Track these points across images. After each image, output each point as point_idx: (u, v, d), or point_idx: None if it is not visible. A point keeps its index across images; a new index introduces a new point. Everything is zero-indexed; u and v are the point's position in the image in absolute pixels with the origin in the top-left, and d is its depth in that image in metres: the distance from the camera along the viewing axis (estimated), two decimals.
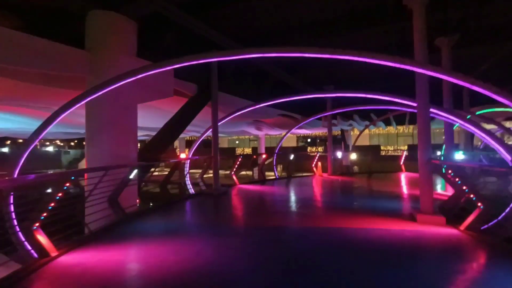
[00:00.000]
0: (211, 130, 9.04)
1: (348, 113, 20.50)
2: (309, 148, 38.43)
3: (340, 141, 28.86)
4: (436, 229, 4.96)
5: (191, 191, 9.30)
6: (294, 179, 12.20)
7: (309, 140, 43.03)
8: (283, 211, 6.52)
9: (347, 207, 6.89)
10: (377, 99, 8.24)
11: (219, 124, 9.19)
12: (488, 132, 6.94)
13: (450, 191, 7.06)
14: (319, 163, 13.42)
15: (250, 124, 22.65)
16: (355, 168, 17.63)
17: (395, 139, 37.84)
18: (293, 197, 8.41)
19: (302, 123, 13.81)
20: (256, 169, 13.90)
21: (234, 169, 10.39)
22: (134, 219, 5.68)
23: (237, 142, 44.51)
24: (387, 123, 21.57)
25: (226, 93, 11.17)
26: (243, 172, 14.55)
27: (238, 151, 40.94)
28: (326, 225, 5.36)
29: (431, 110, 6.34)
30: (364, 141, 36.56)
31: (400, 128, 34.04)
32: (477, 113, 12.66)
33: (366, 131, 35.17)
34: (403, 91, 7.63)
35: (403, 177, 12.79)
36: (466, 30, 9.20)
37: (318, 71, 13.78)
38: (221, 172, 9.64)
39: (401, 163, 15.05)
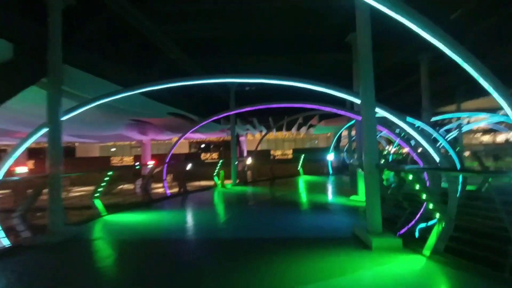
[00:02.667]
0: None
1: (247, 117, 19.49)
2: (202, 155, 35.84)
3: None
4: (398, 262, 3.58)
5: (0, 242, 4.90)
6: (192, 196, 9.41)
7: (202, 146, 40.47)
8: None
9: (275, 238, 4.86)
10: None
11: (65, 119, 5.31)
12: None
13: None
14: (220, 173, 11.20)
15: (130, 126, 17.84)
16: (249, 174, 16.37)
17: (281, 144, 40.98)
18: (199, 234, 5.45)
19: (199, 125, 11.14)
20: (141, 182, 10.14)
21: (98, 192, 6.56)
22: None
23: (113, 149, 36.28)
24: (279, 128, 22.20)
25: (82, 69, 7.03)
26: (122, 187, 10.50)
27: (114, 161, 33.25)
28: None
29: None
30: (253, 146, 37.55)
31: (286, 134, 37.02)
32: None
33: (258, 136, 36.41)
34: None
35: (306, 181, 12.47)
36: None
37: (222, 60, 11.59)
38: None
39: (299, 167, 15.03)
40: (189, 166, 10.00)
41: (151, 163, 10.44)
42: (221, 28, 9.69)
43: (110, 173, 6.64)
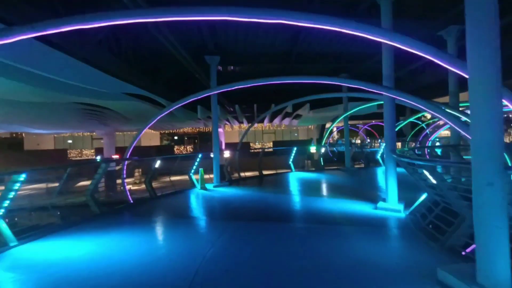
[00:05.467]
0: None
1: (228, 105, 17.13)
2: (176, 148, 32.74)
3: (210, 139, 25.42)
4: None
5: None
6: (162, 203, 7.02)
7: (175, 137, 37.20)
8: None
9: None
10: None
11: None
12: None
13: None
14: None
15: (85, 113, 14.62)
16: (229, 168, 14.10)
17: (261, 136, 39.07)
18: None
19: (169, 110, 8.34)
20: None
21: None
22: None
23: (69, 141, 31.77)
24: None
25: None
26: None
27: (72, 154, 29.06)
28: None
29: None
30: (233, 137, 35.27)
31: (267, 125, 35.10)
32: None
33: (236, 128, 34.03)
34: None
35: (301, 179, 10.51)
36: None
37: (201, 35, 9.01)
38: None
39: (290, 161, 13.12)
40: (156, 163, 7.51)
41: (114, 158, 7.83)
42: None
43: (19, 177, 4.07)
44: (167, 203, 7.06)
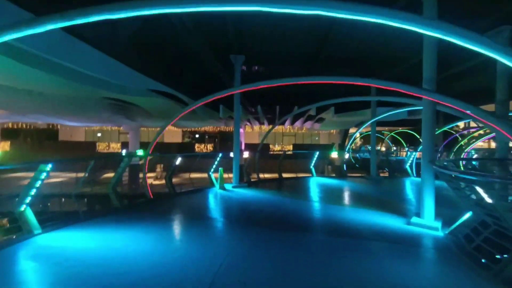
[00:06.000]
0: None
1: (250, 106, 17.06)
2: (196, 146, 33.29)
3: (231, 139, 25.51)
4: None
5: None
6: (181, 201, 7.01)
7: (197, 136, 37.88)
8: None
9: None
10: None
11: None
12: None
13: None
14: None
15: (113, 108, 15.22)
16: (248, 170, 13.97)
17: (281, 138, 38.69)
18: None
19: (191, 107, 8.31)
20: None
21: (29, 195, 4.11)
22: None
23: (99, 134, 33.39)
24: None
25: None
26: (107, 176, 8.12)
27: (101, 147, 30.49)
28: None
29: None
30: (253, 138, 35.22)
31: (288, 128, 34.68)
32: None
33: (256, 129, 33.97)
34: None
35: (323, 185, 10.11)
36: None
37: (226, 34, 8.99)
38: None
39: (312, 165, 12.72)
40: (178, 161, 7.53)
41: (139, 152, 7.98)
42: None
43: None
44: (185, 201, 7.04)
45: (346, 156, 13.80)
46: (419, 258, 3.95)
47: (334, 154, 19.77)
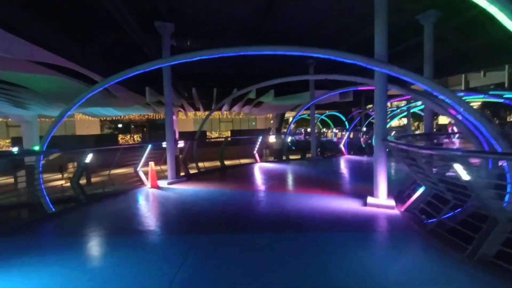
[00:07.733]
0: None
1: (183, 89, 15.07)
2: (120, 137, 28.90)
3: (162, 127, 22.70)
4: None
5: None
6: (102, 208, 5.22)
7: (120, 125, 32.98)
8: None
9: None
10: None
11: None
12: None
13: None
14: (152, 164, 7.12)
15: None
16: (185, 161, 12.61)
17: (217, 124, 37.28)
18: None
19: (100, 87, 6.09)
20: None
21: None
22: None
23: None
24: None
25: None
26: None
27: None
28: None
29: None
30: (187, 126, 32.80)
31: (224, 114, 33.42)
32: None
33: (190, 115, 31.48)
34: None
35: (269, 171, 9.50)
36: None
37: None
38: None
39: (255, 151, 12.08)
40: (89, 158, 5.56)
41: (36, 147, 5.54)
42: None
43: None
44: (105, 210, 5.30)
45: (289, 139, 13.66)
46: (389, 243, 3.79)
47: (271, 138, 19.91)
